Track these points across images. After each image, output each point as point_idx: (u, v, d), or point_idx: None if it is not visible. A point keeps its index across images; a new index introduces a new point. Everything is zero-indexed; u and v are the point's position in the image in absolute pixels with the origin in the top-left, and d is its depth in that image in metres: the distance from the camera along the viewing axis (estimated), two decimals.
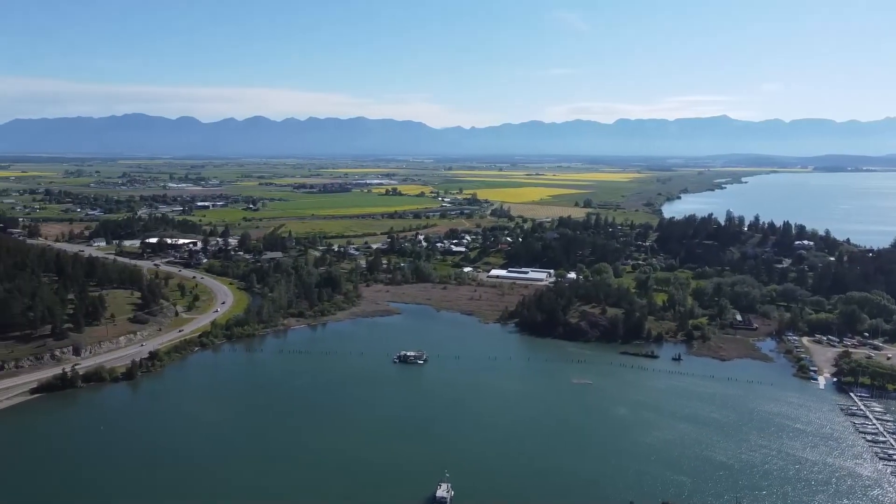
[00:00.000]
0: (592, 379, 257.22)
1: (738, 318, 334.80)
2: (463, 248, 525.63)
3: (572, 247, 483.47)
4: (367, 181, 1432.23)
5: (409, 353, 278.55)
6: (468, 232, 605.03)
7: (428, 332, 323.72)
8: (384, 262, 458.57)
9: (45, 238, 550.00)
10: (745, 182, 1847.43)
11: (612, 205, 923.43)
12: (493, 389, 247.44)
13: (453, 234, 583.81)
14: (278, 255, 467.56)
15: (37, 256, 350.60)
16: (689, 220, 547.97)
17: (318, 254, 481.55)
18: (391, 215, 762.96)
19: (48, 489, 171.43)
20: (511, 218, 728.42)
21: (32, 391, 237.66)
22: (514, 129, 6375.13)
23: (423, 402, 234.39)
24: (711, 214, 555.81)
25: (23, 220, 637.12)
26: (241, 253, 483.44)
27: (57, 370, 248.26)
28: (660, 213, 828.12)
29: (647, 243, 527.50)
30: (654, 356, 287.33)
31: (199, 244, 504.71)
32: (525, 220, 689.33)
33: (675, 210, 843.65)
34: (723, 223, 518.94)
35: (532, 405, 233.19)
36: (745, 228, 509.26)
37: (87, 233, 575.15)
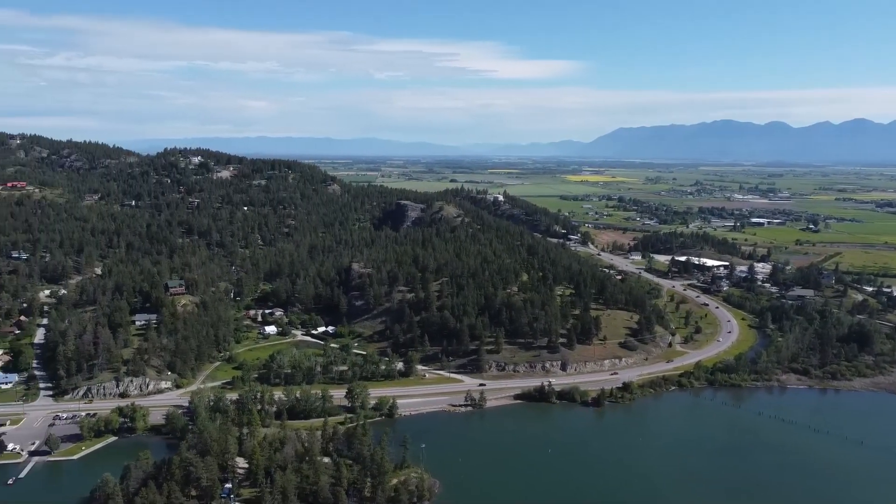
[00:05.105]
0: None
1: None
2: None
3: None
4: None
5: None
6: None
7: None
8: None
9: (595, 247, 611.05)
10: None
11: None
12: None
13: None
14: (809, 293, 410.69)
15: (563, 269, 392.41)
16: None
17: (860, 297, 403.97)
18: None
19: (487, 484, 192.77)
20: None
21: (515, 396, 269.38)
22: None
23: None
24: None
25: (586, 226, 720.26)
26: (766, 285, 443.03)
27: (538, 382, 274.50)
28: None
29: None
30: None
31: (725, 269, 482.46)
32: None
33: None
34: None
35: None
36: None
37: (630, 244, 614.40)
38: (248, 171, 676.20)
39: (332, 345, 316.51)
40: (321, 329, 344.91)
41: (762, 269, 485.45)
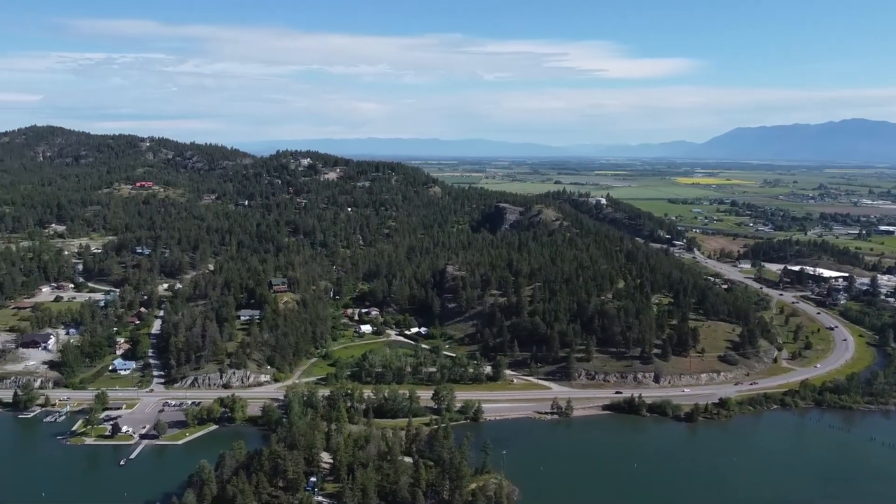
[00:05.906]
0: None
1: None
2: None
3: None
4: None
5: None
6: None
7: None
8: None
9: (700, 253, 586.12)
10: None
11: None
12: None
13: None
14: None
15: (662, 277, 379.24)
16: None
17: None
18: None
19: (567, 494, 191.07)
20: None
21: (604, 407, 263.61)
22: None
23: None
24: None
25: (694, 232, 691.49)
26: (891, 299, 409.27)
27: (629, 393, 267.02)
28: None
29: None
30: None
31: (844, 281, 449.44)
32: None
33: None
34: None
35: None
36: None
37: (740, 251, 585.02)
38: (353, 173, 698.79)
39: (423, 346, 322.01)
40: (414, 330, 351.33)
41: (887, 281, 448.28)
